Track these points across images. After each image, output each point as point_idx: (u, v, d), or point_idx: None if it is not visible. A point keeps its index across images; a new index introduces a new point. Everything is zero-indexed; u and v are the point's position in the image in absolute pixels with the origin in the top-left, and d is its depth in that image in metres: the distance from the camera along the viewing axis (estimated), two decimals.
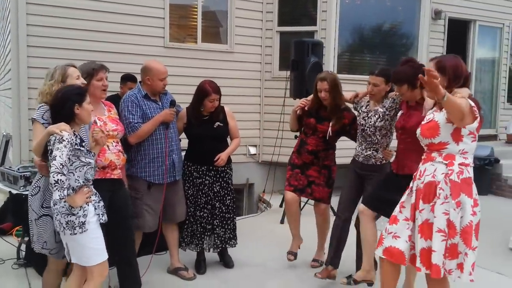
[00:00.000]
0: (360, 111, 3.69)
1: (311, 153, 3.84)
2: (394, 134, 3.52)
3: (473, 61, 8.50)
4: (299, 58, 5.29)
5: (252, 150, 6.83)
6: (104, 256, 2.72)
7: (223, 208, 3.92)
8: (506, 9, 8.59)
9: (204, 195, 3.87)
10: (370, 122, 3.56)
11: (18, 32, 5.30)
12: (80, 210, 2.62)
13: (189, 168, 3.90)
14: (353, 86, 3.69)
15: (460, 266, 2.62)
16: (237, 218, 4.24)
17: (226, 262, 4.13)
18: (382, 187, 3.34)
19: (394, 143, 3.54)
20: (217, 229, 3.92)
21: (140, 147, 3.60)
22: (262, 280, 3.87)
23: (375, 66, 3.82)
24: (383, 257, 2.87)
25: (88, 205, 2.67)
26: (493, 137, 8.75)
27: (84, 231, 2.61)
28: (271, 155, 6.34)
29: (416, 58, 7.29)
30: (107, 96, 3.77)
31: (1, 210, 5.10)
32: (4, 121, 8.99)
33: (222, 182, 3.91)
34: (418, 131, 2.78)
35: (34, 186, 2.89)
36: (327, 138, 3.78)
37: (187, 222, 3.93)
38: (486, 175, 7.13)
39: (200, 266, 4.04)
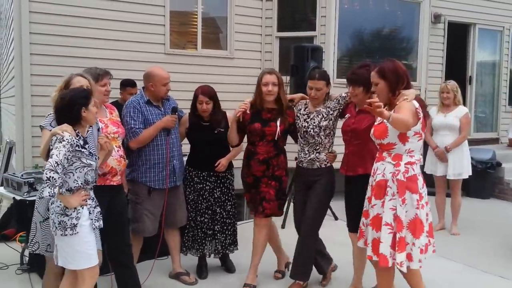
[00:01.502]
0: (298, 115, 3.65)
1: (263, 163, 3.61)
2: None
3: (473, 64, 8.50)
4: (298, 63, 5.32)
5: None
6: (94, 261, 2.73)
7: (224, 213, 3.94)
8: (506, 12, 8.59)
9: (205, 201, 3.90)
10: (314, 122, 3.53)
11: (21, 40, 5.35)
12: (74, 211, 2.64)
13: (190, 174, 3.92)
14: None
15: (409, 256, 2.90)
16: (238, 223, 4.25)
17: (227, 267, 4.15)
18: (355, 204, 3.36)
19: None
20: (218, 234, 3.95)
21: (141, 152, 3.63)
22: (263, 285, 3.88)
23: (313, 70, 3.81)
24: (365, 246, 3.13)
25: (82, 208, 2.69)
26: (495, 141, 8.73)
27: (75, 233, 2.63)
28: None
29: (416, 62, 7.36)
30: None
31: (4, 216, 5.15)
32: (7, 128, 9.06)
33: (223, 188, 3.93)
34: (371, 131, 3.01)
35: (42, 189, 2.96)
36: (276, 139, 3.61)
37: (188, 227, 3.96)
38: (488, 178, 7.12)
39: (202, 271, 4.07)
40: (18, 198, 3.95)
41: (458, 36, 8.29)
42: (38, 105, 5.26)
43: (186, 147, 4.04)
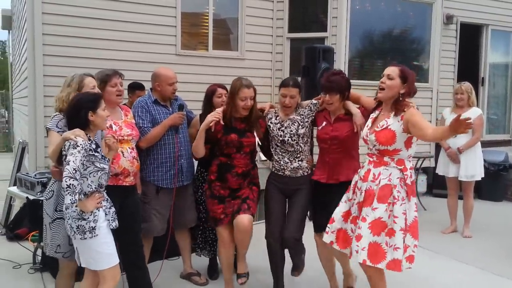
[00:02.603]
0: (269, 124, 3.51)
1: (242, 176, 3.43)
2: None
3: (485, 65, 8.43)
4: (310, 64, 5.30)
5: (264, 156, 6.85)
6: (115, 260, 2.76)
7: None
8: None
9: None
10: (291, 131, 3.42)
11: (34, 41, 5.40)
12: (90, 215, 2.66)
13: (202, 175, 3.92)
14: (364, 92, 3.68)
15: (411, 258, 2.93)
16: None
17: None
18: (328, 208, 3.30)
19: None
20: None
21: (150, 152, 3.64)
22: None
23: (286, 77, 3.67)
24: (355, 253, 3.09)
25: (98, 211, 2.71)
26: (507, 143, 8.64)
27: (94, 236, 2.65)
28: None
29: (428, 63, 7.31)
30: None
31: (17, 216, 5.21)
32: (20, 129, 9.15)
33: None
34: (372, 137, 2.98)
35: (48, 190, 2.99)
36: (255, 150, 3.47)
37: (200, 228, 3.97)
38: (500, 181, 7.06)
39: (213, 271, 4.08)
40: (31, 197, 4.00)
41: (470, 37, 8.23)
42: (50, 106, 5.25)
43: None
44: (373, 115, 3.13)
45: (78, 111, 2.71)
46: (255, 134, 3.43)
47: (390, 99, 2.99)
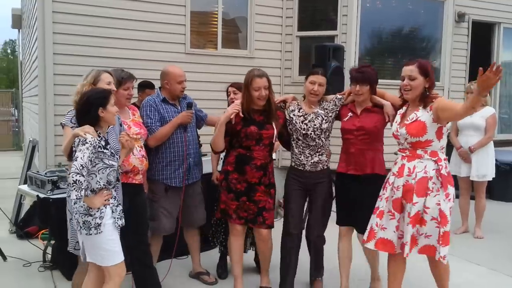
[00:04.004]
0: (291, 116, 3.50)
1: (261, 168, 3.38)
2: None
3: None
4: (319, 62, 5.28)
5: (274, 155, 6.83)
6: (120, 257, 2.76)
7: None
8: None
9: None
10: (315, 125, 3.41)
11: (44, 39, 5.42)
12: (97, 211, 2.67)
13: None
14: None
15: (445, 242, 2.92)
16: None
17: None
18: (367, 205, 3.25)
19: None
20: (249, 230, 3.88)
21: (159, 150, 3.64)
22: None
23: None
24: (375, 249, 3.13)
25: (105, 208, 2.71)
26: None
27: (99, 232, 2.66)
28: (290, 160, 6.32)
29: (439, 61, 7.24)
30: None
31: (27, 214, 5.24)
32: (29, 127, 9.21)
33: None
34: (403, 130, 2.99)
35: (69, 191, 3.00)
36: (274, 142, 3.44)
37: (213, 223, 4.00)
38: None
39: (222, 270, 4.08)
40: (41, 196, 4.00)
41: (482, 36, 8.13)
42: (61, 104, 5.31)
43: (206, 147, 4.04)
44: (401, 111, 3.15)
45: (89, 108, 2.72)
46: (274, 125, 3.40)
47: (417, 96, 3.02)
